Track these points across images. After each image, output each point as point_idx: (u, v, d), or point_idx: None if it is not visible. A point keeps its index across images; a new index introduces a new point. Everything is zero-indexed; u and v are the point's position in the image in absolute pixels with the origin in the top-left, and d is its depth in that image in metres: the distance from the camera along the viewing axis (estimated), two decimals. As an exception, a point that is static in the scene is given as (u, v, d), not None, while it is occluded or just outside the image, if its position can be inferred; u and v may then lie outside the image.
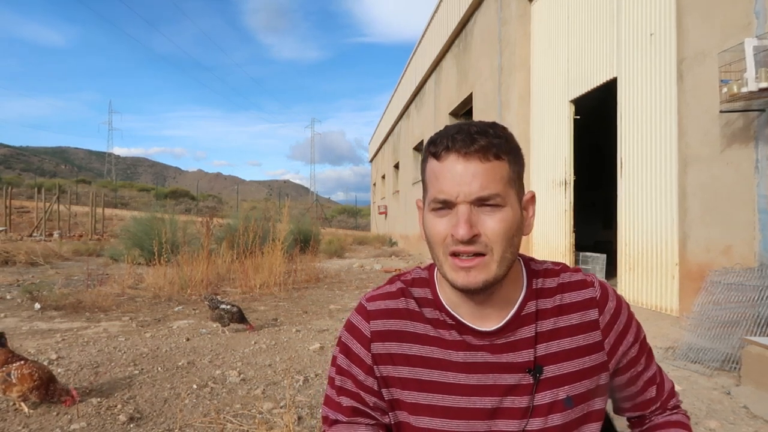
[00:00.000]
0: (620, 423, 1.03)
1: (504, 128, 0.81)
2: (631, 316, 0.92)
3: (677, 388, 2.82)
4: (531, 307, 0.86)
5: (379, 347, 0.88)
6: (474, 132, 0.77)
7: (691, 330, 3.46)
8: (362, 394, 0.88)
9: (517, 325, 0.84)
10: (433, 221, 0.79)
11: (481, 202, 0.76)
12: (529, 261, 0.92)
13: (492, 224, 0.76)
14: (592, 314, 0.86)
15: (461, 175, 0.75)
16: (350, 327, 0.91)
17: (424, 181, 0.84)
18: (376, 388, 0.88)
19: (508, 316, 0.84)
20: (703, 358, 3.19)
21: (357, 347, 0.89)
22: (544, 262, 0.93)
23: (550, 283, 0.89)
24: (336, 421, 0.90)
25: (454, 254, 0.77)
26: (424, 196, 0.85)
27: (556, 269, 0.92)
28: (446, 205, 0.77)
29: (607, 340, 0.87)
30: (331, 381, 0.93)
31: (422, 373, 0.85)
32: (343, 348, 0.91)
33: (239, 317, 4.32)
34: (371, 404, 0.88)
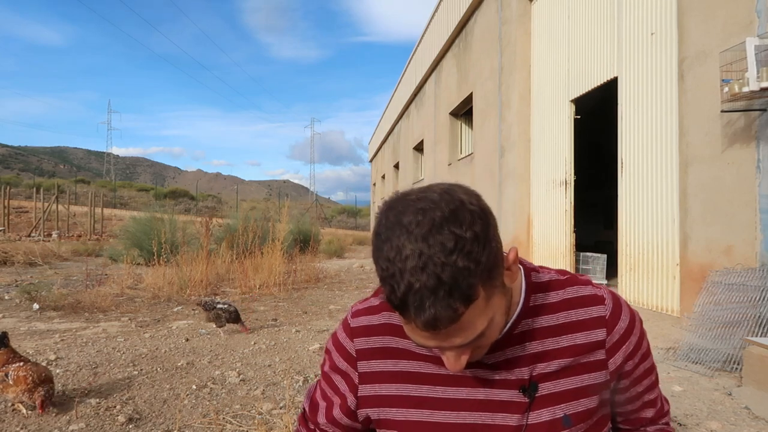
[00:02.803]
0: None
1: (464, 239, 0.60)
2: (642, 335, 0.85)
3: (678, 388, 2.81)
4: (525, 325, 0.80)
5: (364, 366, 0.86)
6: (427, 295, 0.59)
7: (692, 330, 3.45)
8: (339, 415, 0.89)
9: (508, 344, 0.80)
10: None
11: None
12: (530, 272, 0.84)
13: (482, 346, 0.73)
14: (599, 334, 0.80)
15: (434, 342, 0.67)
16: (337, 344, 0.90)
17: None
18: (354, 408, 0.88)
19: (499, 336, 0.78)
20: (705, 358, 3.18)
21: (344, 365, 0.89)
22: (549, 271, 0.86)
23: (554, 297, 0.82)
24: (313, 421, 0.94)
25: None
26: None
27: (561, 280, 0.84)
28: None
29: (612, 360, 0.81)
30: (320, 380, 0.95)
31: (410, 389, 0.83)
32: (331, 362, 0.91)
33: (235, 316, 4.30)
34: (344, 424, 0.90)
